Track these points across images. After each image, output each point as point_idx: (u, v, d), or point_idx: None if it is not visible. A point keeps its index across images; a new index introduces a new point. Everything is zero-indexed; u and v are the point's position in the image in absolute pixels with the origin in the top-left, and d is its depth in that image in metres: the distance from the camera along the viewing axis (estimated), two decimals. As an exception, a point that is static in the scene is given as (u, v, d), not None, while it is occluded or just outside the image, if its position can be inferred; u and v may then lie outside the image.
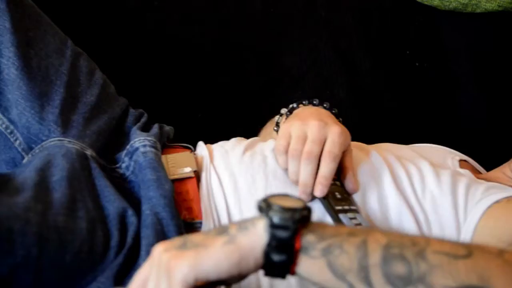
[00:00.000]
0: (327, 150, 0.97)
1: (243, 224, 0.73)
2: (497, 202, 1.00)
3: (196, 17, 1.43)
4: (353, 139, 1.29)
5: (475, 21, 1.51)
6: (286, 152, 0.99)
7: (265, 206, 0.72)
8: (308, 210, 0.72)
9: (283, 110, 1.12)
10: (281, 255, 0.71)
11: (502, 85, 1.48)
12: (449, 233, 0.99)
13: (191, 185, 0.99)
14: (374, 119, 1.43)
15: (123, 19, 1.39)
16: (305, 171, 0.96)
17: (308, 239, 0.71)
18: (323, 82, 1.42)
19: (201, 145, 1.10)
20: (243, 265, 0.72)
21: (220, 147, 1.08)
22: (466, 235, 0.99)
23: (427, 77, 1.48)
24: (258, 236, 0.71)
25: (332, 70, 1.42)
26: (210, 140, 1.16)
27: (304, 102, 1.10)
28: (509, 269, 0.72)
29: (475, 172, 1.21)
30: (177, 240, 0.73)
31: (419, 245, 0.72)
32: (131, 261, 0.88)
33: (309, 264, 0.71)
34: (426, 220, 1.00)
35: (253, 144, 1.09)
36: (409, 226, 0.99)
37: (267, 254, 0.71)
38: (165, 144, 1.11)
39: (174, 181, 0.99)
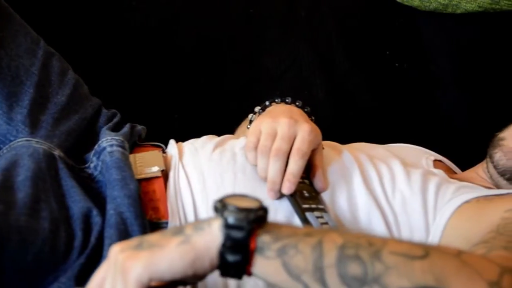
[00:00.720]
0: (296, 147, 0.97)
1: (199, 225, 0.73)
2: (467, 202, 0.99)
3: (175, 17, 1.43)
4: (331, 139, 1.29)
5: (455, 21, 1.51)
6: (256, 148, 0.98)
7: (220, 206, 0.72)
8: (264, 210, 0.72)
9: (257, 108, 1.12)
10: (235, 255, 0.70)
11: (482, 85, 1.48)
12: (418, 233, 0.99)
13: (158, 185, 0.99)
14: (353, 119, 1.42)
15: (100, 19, 1.39)
16: (273, 168, 0.96)
17: (263, 239, 0.71)
18: (302, 82, 1.42)
19: (171, 143, 1.09)
20: (198, 265, 0.71)
21: (190, 145, 1.08)
22: (435, 235, 0.98)
23: (407, 77, 1.48)
24: (213, 237, 0.71)
25: (310, 71, 1.42)
26: (186, 140, 1.16)
27: (277, 100, 1.10)
28: (466, 270, 0.72)
29: (450, 172, 1.21)
30: (134, 241, 0.73)
31: (375, 245, 0.72)
32: (94, 261, 0.87)
33: (264, 265, 0.71)
34: (395, 220, 1.00)
35: (223, 141, 1.09)
36: (378, 225, 0.99)
37: (221, 254, 0.71)
38: (136, 144, 1.11)
39: (142, 180, 0.99)
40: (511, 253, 0.79)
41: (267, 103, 1.10)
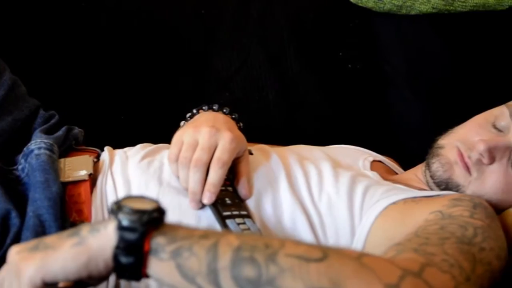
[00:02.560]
0: (216, 157, 0.97)
1: (95, 226, 0.73)
2: (394, 203, 0.99)
3: (125, 17, 1.42)
4: (281, 140, 1.29)
5: (410, 22, 1.50)
6: (177, 160, 0.99)
7: (115, 208, 0.72)
8: (159, 212, 0.72)
9: (188, 115, 1.12)
10: (129, 257, 0.71)
11: (435, 86, 1.47)
12: (344, 234, 0.99)
13: (84, 188, 0.99)
14: (304, 120, 1.42)
15: (49, 19, 1.38)
16: (193, 179, 0.96)
17: (158, 241, 0.71)
18: (252, 84, 1.41)
19: (106, 149, 1.10)
20: (92, 266, 0.72)
21: (123, 152, 1.08)
22: (360, 237, 0.98)
23: (360, 78, 1.48)
24: (108, 238, 0.72)
25: (261, 71, 1.42)
26: (133, 142, 1.16)
27: (204, 108, 1.10)
28: (364, 272, 0.71)
29: (389, 173, 1.21)
30: (31, 242, 0.75)
31: (272, 248, 0.72)
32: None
33: (159, 267, 0.71)
34: (321, 222, 1.00)
35: (155, 150, 1.09)
36: (303, 228, 0.99)
37: (115, 256, 0.71)
38: (72, 147, 1.11)
39: (68, 183, 0.99)
40: (421, 255, 0.79)
41: (194, 111, 1.11)
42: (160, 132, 1.18)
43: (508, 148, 1.05)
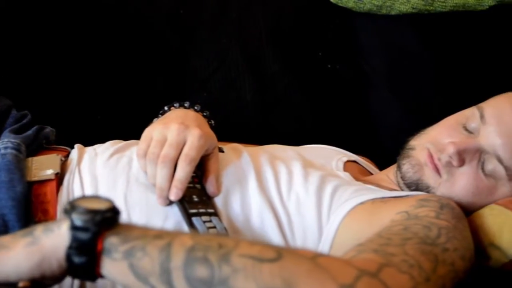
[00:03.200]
0: (184, 153, 0.97)
1: (49, 226, 0.74)
2: (362, 203, 0.99)
3: (102, 16, 1.42)
4: (258, 140, 1.29)
5: (390, 22, 1.50)
6: (146, 155, 0.98)
7: (69, 208, 0.72)
8: (113, 212, 0.72)
9: (160, 112, 1.12)
10: (81, 257, 0.71)
11: (415, 87, 1.47)
12: (312, 234, 0.99)
13: (50, 188, 0.98)
14: (281, 121, 1.42)
15: (22, 18, 1.37)
16: (160, 175, 0.96)
17: (111, 241, 0.71)
18: (230, 84, 1.41)
19: (76, 147, 1.09)
20: (46, 266, 0.72)
21: (92, 150, 1.08)
22: (327, 236, 0.98)
23: (339, 79, 1.47)
24: (61, 238, 0.72)
25: (239, 72, 1.42)
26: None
27: (175, 105, 1.10)
28: (318, 273, 0.71)
29: (363, 173, 1.20)
30: None
31: (225, 248, 0.71)
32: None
33: (112, 266, 0.71)
34: (289, 221, 1.00)
35: (125, 147, 1.09)
36: (270, 227, 0.99)
37: (68, 256, 0.71)
38: (43, 147, 1.10)
39: (35, 183, 0.99)
40: (380, 256, 0.78)
41: (165, 108, 1.11)
42: (137, 132, 1.17)
43: (478, 150, 1.05)
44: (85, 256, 0.70)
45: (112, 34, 1.42)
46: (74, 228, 0.70)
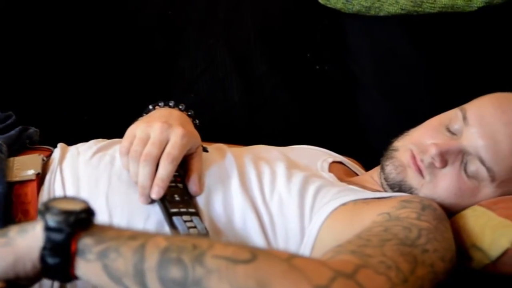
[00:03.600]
0: (166, 152, 0.97)
1: (24, 227, 0.74)
2: (344, 204, 0.99)
3: (90, 16, 1.42)
4: (245, 141, 1.29)
5: (379, 23, 1.50)
6: (128, 153, 0.98)
7: (43, 209, 0.72)
8: (87, 213, 0.72)
9: (145, 110, 1.12)
10: (55, 258, 0.71)
11: (403, 87, 1.47)
12: (294, 235, 0.99)
13: (31, 188, 0.98)
14: (269, 122, 1.42)
15: (6, 19, 1.38)
16: (142, 173, 0.96)
17: (85, 242, 0.71)
18: (217, 84, 1.41)
19: (58, 146, 1.09)
20: (20, 267, 0.72)
21: (75, 148, 1.08)
22: (309, 237, 0.98)
23: (328, 79, 1.47)
24: (35, 239, 0.72)
25: (227, 72, 1.42)
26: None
27: (160, 104, 1.10)
28: (292, 274, 0.71)
29: (349, 174, 1.20)
30: None
31: (199, 249, 0.71)
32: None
33: (86, 267, 0.71)
34: (271, 221, 1.00)
35: (108, 145, 1.09)
36: (253, 227, 0.99)
37: (42, 257, 0.71)
38: (26, 147, 1.10)
39: (16, 183, 0.98)
40: (357, 257, 0.78)
41: (150, 107, 1.10)
42: (124, 132, 1.18)
43: (461, 151, 1.05)
44: (59, 257, 0.70)
45: (100, 34, 1.42)
46: (48, 229, 0.70)
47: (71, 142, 1.15)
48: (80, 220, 0.71)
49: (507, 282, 0.97)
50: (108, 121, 1.36)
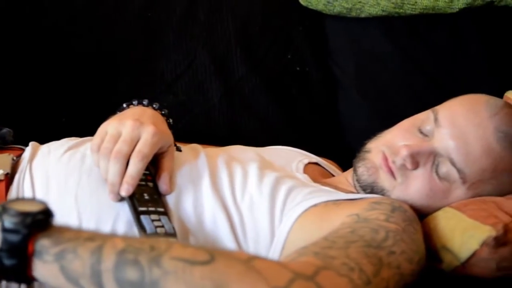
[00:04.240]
0: (136, 149, 0.97)
1: None
2: (315, 206, 0.99)
3: (71, 18, 1.42)
4: (224, 142, 1.28)
5: (360, 25, 1.50)
6: (99, 150, 0.98)
7: (1, 210, 0.71)
8: (45, 214, 0.72)
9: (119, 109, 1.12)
10: (12, 259, 0.70)
11: (383, 88, 1.47)
12: (264, 235, 0.99)
13: None
14: (248, 124, 1.42)
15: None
16: (112, 170, 0.96)
17: (42, 243, 0.71)
18: (197, 86, 1.41)
19: (30, 145, 1.09)
20: None
21: (46, 147, 1.08)
22: (279, 238, 0.98)
23: (309, 81, 1.47)
24: None
25: (206, 75, 1.41)
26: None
27: (134, 102, 1.10)
28: (250, 275, 0.71)
29: (324, 175, 1.20)
30: None
31: (157, 250, 0.71)
32: None
33: (43, 269, 0.71)
34: (241, 222, 1.00)
35: (80, 143, 1.08)
36: (223, 228, 0.99)
37: (-1, 258, 0.71)
38: (-1, 147, 1.11)
39: None
40: (319, 259, 0.78)
41: (124, 105, 1.10)
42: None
43: (432, 153, 1.05)
44: (15, 259, 0.70)
45: (79, 35, 1.42)
46: (4, 230, 0.70)
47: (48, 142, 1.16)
48: (37, 221, 0.71)
49: (476, 284, 0.97)
50: (86, 122, 1.34)
